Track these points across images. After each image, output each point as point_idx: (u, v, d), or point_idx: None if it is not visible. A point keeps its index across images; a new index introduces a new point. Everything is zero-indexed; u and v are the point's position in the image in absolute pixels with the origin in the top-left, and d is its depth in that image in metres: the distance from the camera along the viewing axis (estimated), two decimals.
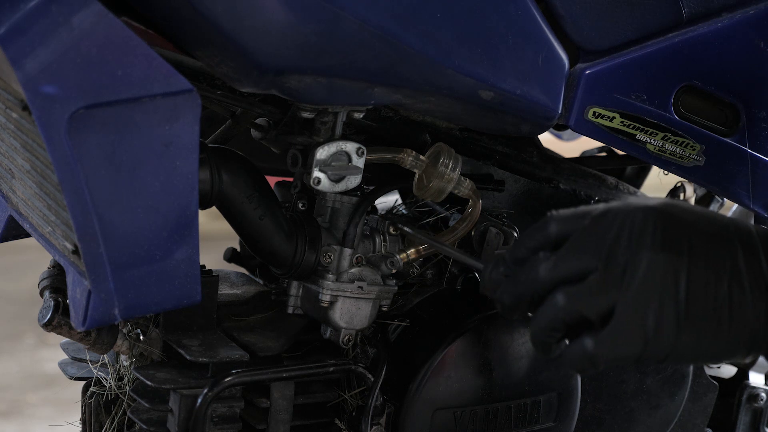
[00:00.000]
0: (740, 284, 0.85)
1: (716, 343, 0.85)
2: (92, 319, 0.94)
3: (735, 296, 0.84)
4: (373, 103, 1.07)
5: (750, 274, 0.85)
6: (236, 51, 0.96)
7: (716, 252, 0.85)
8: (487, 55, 1.05)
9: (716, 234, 0.86)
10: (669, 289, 0.84)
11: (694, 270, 0.84)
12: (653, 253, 0.85)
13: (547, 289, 0.89)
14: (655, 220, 0.86)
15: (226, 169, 1.08)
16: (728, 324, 0.84)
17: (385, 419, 1.18)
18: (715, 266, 0.85)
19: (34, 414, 3.15)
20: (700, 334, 0.84)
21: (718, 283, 0.84)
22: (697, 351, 0.85)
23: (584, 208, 0.90)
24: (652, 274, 0.84)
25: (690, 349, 0.85)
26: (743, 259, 0.85)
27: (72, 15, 0.86)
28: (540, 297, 0.90)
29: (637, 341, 0.85)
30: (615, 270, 0.85)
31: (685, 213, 0.87)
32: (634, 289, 0.85)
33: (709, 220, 0.87)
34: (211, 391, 1.09)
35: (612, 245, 0.86)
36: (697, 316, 0.84)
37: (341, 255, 1.14)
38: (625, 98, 1.16)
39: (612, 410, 1.36)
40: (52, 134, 0.86)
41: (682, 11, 1.18)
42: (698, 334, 0.84)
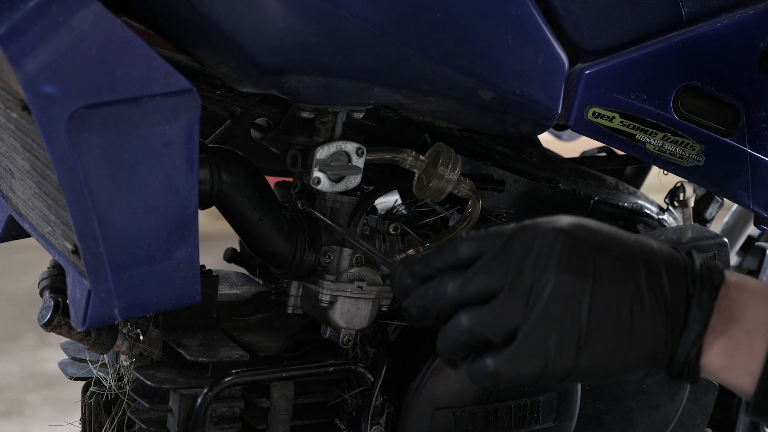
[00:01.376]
0: (641, 304, 0.86)
1: (615, 361, 0.87)
2: (92, 319, 0.94)
3: (636, 317, 0.86)
4: (373, 103, 1.07)
5: (651, 294, 0.86)
6: (236, 51, 0.96)
7: (620, 273, 0.86)
8: (486, 55, 1.05)
9: (621, 255, 0.87)
10: (572, 312, 0.85)
11: (597, 292, 0.86)
12: (558, 275, 0.86)
13: (453, 308, 0.89)
14: (562, 242, 0.87)
15: (226, 169, 1.09)
16: (628, 343, 0.86)
17: (385, 419, 1.18)
18: (618, 288, 0.86)
19: (34, 414, 3.15)
20: (600, 355, 0.86)
21: (620, 305, 0.86)
22: (596, 371, 0.87)
23: (494, 229, 0.90)
24: (556, 298, 0.85)
25: (590, 370, 0.86)
26: (645, 279, 0.87)
27: (72, 15, 0.87)
28: (447, 314, 0.90)
29: (536, 363, 0.86)
30: (520, 292, 0.86)
31: (592, 234, 0.88)
32: (538, 312, 0.86)
33: (615, 241, 0.88)
34: (211, 391, 1.09)
35: (519, 267, 0.87)
36: (598, 337, 0.86)
37: (341, 255, 1.14)
38: (624, 98, 1.16)
39: (612, 410, 1.36)
40: (52, 134, 0.86)
41: (682, 11, 1.18)
42: (598, 356, 0.86)
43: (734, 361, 0.86)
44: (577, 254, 0.86)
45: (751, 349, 0.86)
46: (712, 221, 1.62)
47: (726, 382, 0.88)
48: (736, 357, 0.86)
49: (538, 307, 0.86)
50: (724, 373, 0.87)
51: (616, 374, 0.88)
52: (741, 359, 0.86)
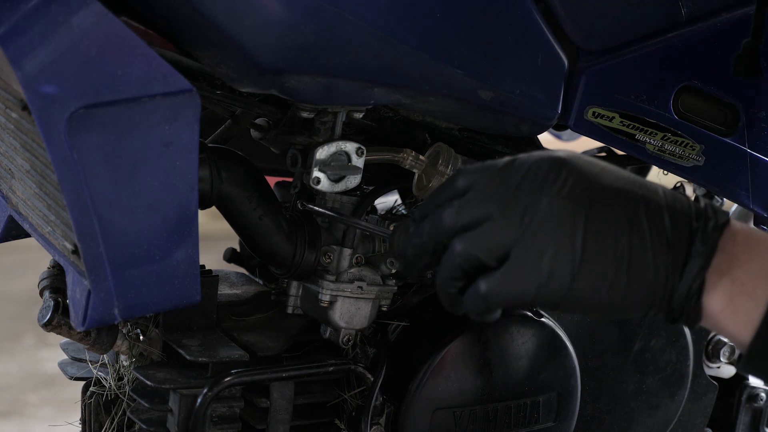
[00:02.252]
0: (641, 236, 0.84)
1: (611, 294, 0.84)
2: (92, 319, 0.94)
3: (635, 248, 0.84)
4: (373, 103, 1.07)
5: (652, 227, 0.84)
6: (236, 51, 0.96)
7: (619, 203, 0.84)
8: (486, 55, 1.05)
9: (620, 188, 0.85)
10: (566, 234, 0.83)
11: (594, 218, 0.84)
12: (554, 200, 0.84)
13: (450, 237, 0.88)
14: (559, 170, 0.85)
15: (226, 169, 1.09)
16: (626, 277, 0.84)
17: (385, 419, 1.18)
18: (615, 219, 0.84)
19: (34, 414, 3.15)
20: (595, 283, 0.84)
21: (618, 234, 0.84)
22: (591, 300, 0.84)
23: (491, 161, 0.89)
24: (550, 219, 0.84)
25: (584, 298, 0.84)
26: (645, 213, 0.84)
27: (72, 15, 0.87)
28: (443, 246, 0.89)
29: (529, 284, 0.84)
30: (514, 214, 0.85)
31: (591, 165, 0.87)
32: (531, 232, 0.84)
33: (615, 175, 0.87)
34: (211, 391, 1.09)
35: (514, 191, 0.85)
36: (593, 264, 0.83)
37: (341, 255, 1.14)
38: (624, 98, 1.16)
39: (612, 410, 1.36)
40: (52, 134, 0.86)
41: (681, 11, 1.18)
42: (593, 283, 0.84)
43: (736, 305, 0.83)
44: (574, 182, 0.85)
45: (754, 294, 0.83)
46: None
47: (724, 329, 0.85)
48: (738, 301, 0.83)
49: (532, 227, 0.84)
50: (724, 318, 0.84)
51: (613, 308, 0.85)
52: (743, 304, 0.83)
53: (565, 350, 1.26)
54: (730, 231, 0.85)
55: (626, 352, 1.35)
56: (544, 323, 1.25)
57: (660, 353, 1.37)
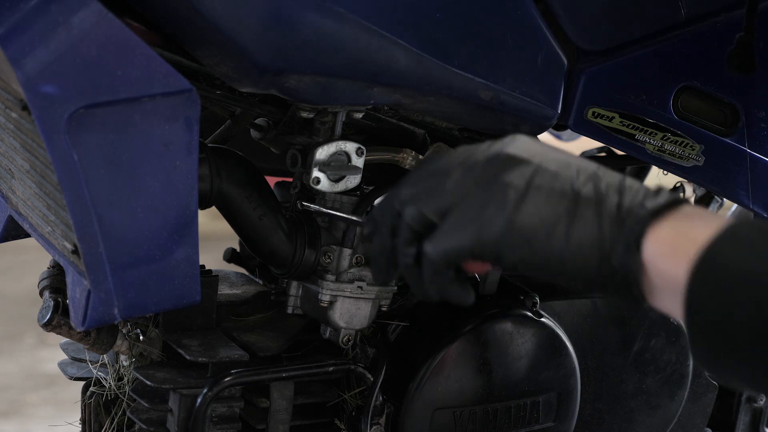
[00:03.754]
0: (586, 195, 0.85)
1: (552, 243, 0.84)
2: (92, 319, 0.94)
3: (578, 204, 0.84)
4: (373, 103, 1.07)
5: (597, 189, 0.85)
6: (236, 51, 0.96)
7: (564, 170, 0.86)
8: (486, 55, 1.05)
9: (571, 161, 0.88)
10: (503, 186, 0.85)
11: (537, 177, 0.85)
12: (495, 160, 0.87)
13: (402, 206, 0.91)
14: (504, 145, 0.88)
15: (226, 169, 1.09)
16: (565, 226, 0.84)
17: (385, 419, 1.18)
18: (560, 178, 0.85)
19: (34, 414, 3.15)
20: (533, 229, 0.84)
21: (561, 189, 0.85)
22: (533, 249, 0.84)
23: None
24: (490, 175, 0.86)
25: (523, 245, 0.84)
26: (594, 181, 0.85)
27: (72, 15, 0.87)
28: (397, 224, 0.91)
29: (467, 232, 0.86)
30: (457, 174, 0.88)
31: (540, 144, 0.89)
32: (471, 187, 0.86)
33: (566, 154, 0.89)
34: (211, 391, 1.09)
35: (463, 159, 0.88)
36: (530, 210, 0.84)
37: (341, 255, 1.14)
38: (624, 98, 1.16)
39: (612, 410, 1.36)
40: (52, 134, 0.86)
41: (681, 11, 1.18)
42: (532, 230, 0.84)
43: (674, 246, 0.81)
44: (520, 148, 0.88)
45: (694, 237, 0.81)
46: None
47: (662, 275, 0.82)
48: (677, 242, 0.81)
49: (473, 184, 0.86)
50: (661, 261, 0.82)
51: (561, 261, 0.84)
52: (682, 245, 0.81)
53: (565, 350, 1.26)
54: (687, 204, 0.84)
55: (626, 352, 1.35)
56: (544, 323, 1.25)
57: (660, 353, 1.37)
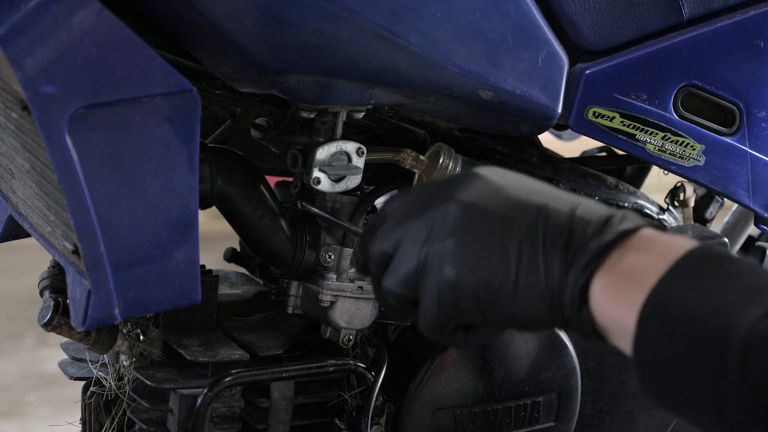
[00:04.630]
0: (533, 241, 0.82)
1: (500, 290, 0.83)
2: (92, 319, 0.94)
3: (525, 251, 0.82)
4: (373, 103, 1.07)
5: (547, 235, 0.82)
6: (236, 51, 0.96)
7: (515, 212, 0.84)
8: (487, 55, 1.05)
9: (522, 199, 0.85)
10: (451, 230, 0.84)
11: (483, 222, 0.84)
12: (453, 204, 0.86)
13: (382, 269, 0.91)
14: (469, 179, 0.87)
15: (226, 169, 1.09)
16: (515, 274, 0.82)
17: (385, 419, 1.18)
18: (507, 223, 0.84)
19: (34, 414, 3.15)
20: (478, 276, 0.83)
21: (506, 236, 0.83)
22: (478, 308, 0.83)
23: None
24: (436, 213, 0.85)
25: (472, 306, 0.83)
26: (544, 221, 0.83)
27: (72, 15, 0.87)
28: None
29: (410, 263, 0.86)
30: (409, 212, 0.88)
31: (502, 178, 0.88)
32: (417, 221, 0.86)
33: (525, 186, 0.87)
34: (211, 391, 1.09)
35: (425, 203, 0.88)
36: (474, 259, 0.83)
37: (341, 255, 1.14)
38: (625, 98, 1.16)
39: (612, 410, 1.36)
40: (52, 134, 0.86)
41: (682, 11, 1.18)
42: (477, 277, 0.83)
43: (619, 290, 0.79)
44: (478, 188, 0.86)
45: (640, 281, 0.79)
46: (712, 221, 1.62)
47: (608, 318, 0.80)
48: (622, 286, 0.79)
49: (417, 218, 0.86)
50: (608, 304, 0.80)
51: (512, 309, 0.83)
52: (628, 289, 0.79)
53: (565, 350, 1.26)
54: (637, 234, 0.82)
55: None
56: None
57: None
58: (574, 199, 0.85)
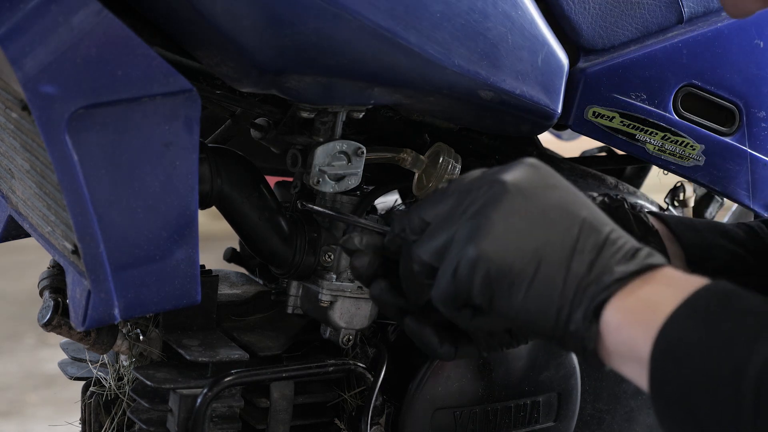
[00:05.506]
0: (561, 247, 0.84)
1: (510, 299, 0.84)
2: (92, 319, 0.94)
3: (550, 253, 0.84)
4: (373, 103, 1.07)
5: (577, 245, 0.84)
6: (236, 51, 0.96)
7: (548, 214, 0.86)
8: (487, 55, 1.05)
9: (561, 203, 0.87)
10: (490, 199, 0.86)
11: (519, 215, 0.85)
12: (491, 180, 0.88)
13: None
14: (505, 171, 0.90)
15: (226, 169, 1.08)
16: (533, 274, 0.83)
17: (385, 419, 1.18)
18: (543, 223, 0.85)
19: (34, 414, 3.15)
20: (496, 280, 0.84)
21: (533, 233, 0.84)
22: (490, 298, 0.85)
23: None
24: (480, 190, 0.87)
25: (485, 294, 0.85)
26: (579, 230, 0.84)
27: (71, 15, 0.87)
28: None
29: (444, 234, 0.88)
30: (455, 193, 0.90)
31: (542, 174, 0.90)
32: (462, 194, 0.88)
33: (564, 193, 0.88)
34: (211, 391, 1.09)
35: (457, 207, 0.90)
36: (499, 258, 0.84)
37: (341, 255, 1.14)
38: (624, 98, 1.16)
39: (612, 410, 1.36)
40: (52, 134, 0.86)
41: (682, 11, 1.18)
42: (494, 280, 0.84)
43: (637, 318, 0.81)
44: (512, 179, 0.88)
45: (658, 308, 0.80)
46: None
47: (623, 343, 0.81)
48: (639, 314, 0.81)
49: (461, 194, 0.88)
50: (623, 330, 0.81)
51: (516, 313, 0.84)
52: (645, 316, 0.80)
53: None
54: (661, 270, 0.83)
55: None
56: None
57: None
58: (610, 222, 0.87)
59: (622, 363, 0.83)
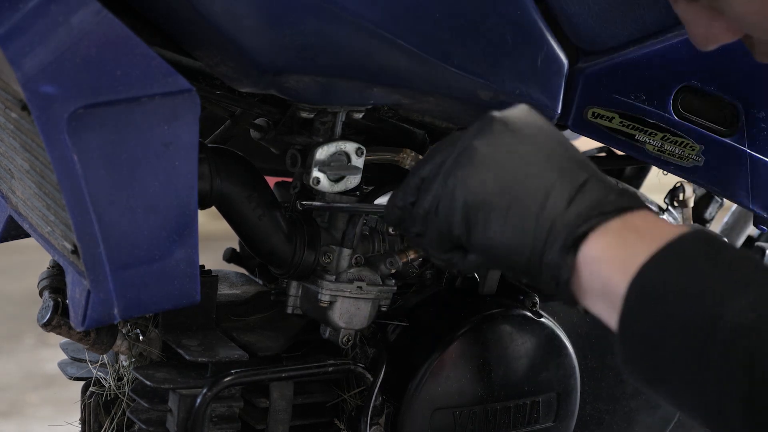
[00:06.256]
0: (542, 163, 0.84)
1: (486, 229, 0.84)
2: (91, 319, 0.94)
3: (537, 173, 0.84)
4: (373, 103, 1.07)
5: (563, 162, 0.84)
6: (236, 51, 0.96)
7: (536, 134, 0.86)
8: (486, 55, 1.05)
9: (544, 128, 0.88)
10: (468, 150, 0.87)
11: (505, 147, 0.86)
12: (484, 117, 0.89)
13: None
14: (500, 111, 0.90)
15: (225, 169, 1.08)
16: (503, 219, 0.83)
17: (385, 419, 1.18)
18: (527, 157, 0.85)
19: (34, 414, 3.15)
20: (473, 211, 0.85)
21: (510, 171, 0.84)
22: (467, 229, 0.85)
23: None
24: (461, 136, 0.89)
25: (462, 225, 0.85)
26: (564, 149, 0.85)
27: (71, 15, 0.87)
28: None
29: (429, 195, 0.89)
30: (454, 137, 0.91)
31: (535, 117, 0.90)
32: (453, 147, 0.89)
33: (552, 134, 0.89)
34: (210, 390, 1.09)
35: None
36: (478, 189, 0.85)
37: (340, 255, 1.14)
38: (624, 98, 1.16)
39: (612, 410, 1.36)
40: (52, 134, 0.86)
41: None
42: (471, 210, 0.85)
43: (616, 256, 0.79)
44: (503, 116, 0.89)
45: (638, 250, 0.79)
46: (711, 221, 1.62)
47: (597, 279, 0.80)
48: (619, 251, 0.80)
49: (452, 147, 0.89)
50: (600, 266, 0.80)
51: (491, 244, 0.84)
52: (624, 255, 0.79)
53: (565, 350, 1.26)
54: (645, 212, 0.83)
55: None
56: (544, 323, 1.25)
57: None
58: (592, 165, 0.86)
59: (594, 300, 0.82)
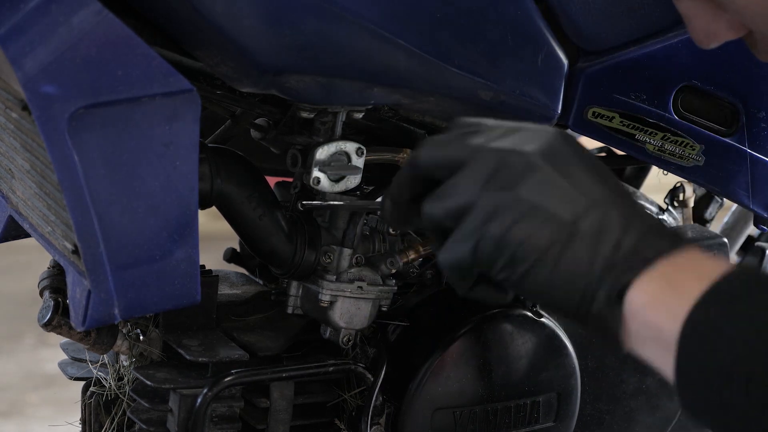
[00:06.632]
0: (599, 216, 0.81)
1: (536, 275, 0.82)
2: (92, 319, 0.94)
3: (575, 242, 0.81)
4: (373, 103, 1.07)
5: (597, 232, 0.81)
6: (236, 51, 0.96)
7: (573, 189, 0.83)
8: (486, 55, 1.05)
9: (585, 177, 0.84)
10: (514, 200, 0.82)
11: (544, 191, 0.82)
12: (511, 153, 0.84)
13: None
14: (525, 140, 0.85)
15: (226, 169, 1.09)
16: (553, 265, 0.81)
17: (385, 419, 1.18)
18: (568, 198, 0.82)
19: (34, 414, 3.15)
20: (521, 257, 0.81)
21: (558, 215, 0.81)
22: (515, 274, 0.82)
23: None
24: (503, 178, 0.83)
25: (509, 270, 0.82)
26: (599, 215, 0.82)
27: (72, 15, 0.87)
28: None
29: (463, 198, 0.84)
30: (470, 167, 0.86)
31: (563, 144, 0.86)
32: (481, 188, 0.84)
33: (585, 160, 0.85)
34: (211, 390, 1.09)
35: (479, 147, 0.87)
36: (523, 236, 0.81)
37: (341, 255, 1.14)
38: (624, 98, 1.16)
39: (612, 410, 1.36)
40: (52, 134, 0.86)
41: None
42: (519, 256, 0.81)
43: (663, 301, 0.79)
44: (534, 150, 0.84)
45: (684, 292, 0.78)
46: (712, 221, 1.62)
47: (647, 326, 0.79)
48: (665, 296, 0.79)
49: (483, 177, 0.83)
50: (648, 313, 0.79)
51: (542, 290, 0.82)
52: (670, 300, 0.78)
53: (565, 350, 1.26)
54: (687, 251, 0.81)
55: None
56: (544, 323, 1.25)
57: None
58: (634, 197, 0.86)
59: (643, 346, 0.81)
